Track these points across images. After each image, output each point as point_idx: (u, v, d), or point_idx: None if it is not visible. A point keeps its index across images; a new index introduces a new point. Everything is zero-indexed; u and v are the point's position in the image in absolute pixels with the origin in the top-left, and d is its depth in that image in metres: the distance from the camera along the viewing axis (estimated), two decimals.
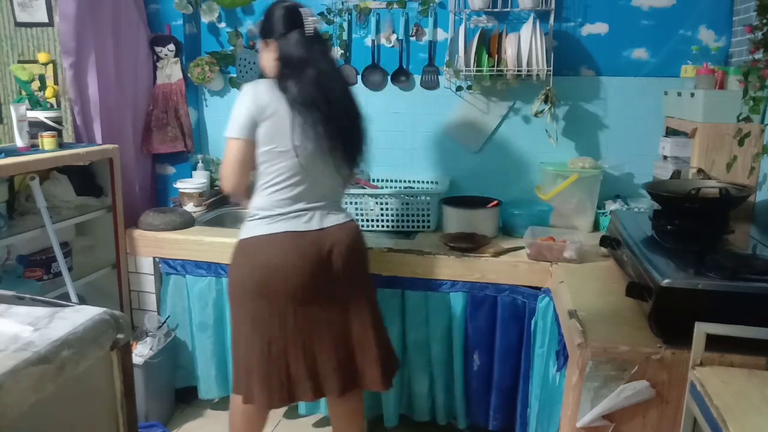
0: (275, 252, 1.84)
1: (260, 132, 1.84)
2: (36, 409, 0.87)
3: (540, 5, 2.44)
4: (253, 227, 1.89)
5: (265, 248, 1.85)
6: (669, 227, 1.76)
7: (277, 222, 1.86)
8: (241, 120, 1.84)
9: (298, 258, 1.83)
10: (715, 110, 2.03)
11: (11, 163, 2.02)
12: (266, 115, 1.82)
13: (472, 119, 2.70)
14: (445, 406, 2.36)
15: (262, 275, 1.83)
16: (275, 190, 1.87)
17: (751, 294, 1.34)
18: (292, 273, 1.82)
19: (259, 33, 1.96)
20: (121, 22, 2.57)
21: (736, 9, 2.38)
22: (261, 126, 1.83)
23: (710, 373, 1.24)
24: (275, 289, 1.83)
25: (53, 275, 2.29)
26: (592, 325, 1.49)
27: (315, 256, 1.85)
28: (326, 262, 1.87)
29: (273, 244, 1.85)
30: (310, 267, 1.84)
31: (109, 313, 1.06)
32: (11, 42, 2.61)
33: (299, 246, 1.84)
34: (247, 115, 1.83)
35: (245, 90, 1.87)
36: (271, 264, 1.83)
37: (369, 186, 2.66)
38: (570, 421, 1.43)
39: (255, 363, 1.86)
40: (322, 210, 1.91)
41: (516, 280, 2.16)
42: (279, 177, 1.86)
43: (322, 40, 1.94)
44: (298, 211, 1.88)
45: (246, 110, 1.83)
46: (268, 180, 1.88)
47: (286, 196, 1.87)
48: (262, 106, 1.82)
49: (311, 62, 1.84)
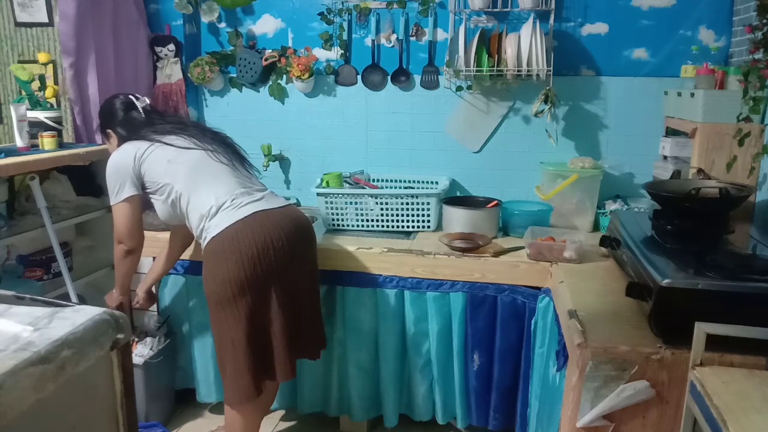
0: (257, 230, 1.84)
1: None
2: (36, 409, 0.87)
3: (540, 5, 2.44)
4: (220, 221, 1.88)
5: (244, 231, 1.84)
6: (669, 227, 1.76)
7: (242, 207, 1.90)
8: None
9: (277, 231, 1.87)
10: (715, 110, 2.03)
11: (11, 163, 2.02)
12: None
13: (472, 119, 2.70)
14: (445, 406, 2.36)
15: (252, 257, 1.81)
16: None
17: (751, 294, 1.34)
18: (278, 247, 1.85)
19: (100, 128, 2.18)
20: (121, 22, 2.57)
21: (736, 9, 2.38)
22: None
23: (710, 373, 1.24)
24: (269, 268, 1.83)
25: (53, 275, 2.29)
26: (592, 325, 1.49)
27: (290, 227, 1.91)
28: (295, 234, 1.93)
29: (249, 225, 1.86)
30: (287, 238, 1.88)
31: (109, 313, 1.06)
32: (11, 42, 2.61)
33: (274, 220, 1.89)
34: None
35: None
36: (258, 243, 1.82)
37: (369, 186, 2.66)
38: (570, 421, 1.43)
39: (250, 357, 1.85)
40: (263, 192, 2.02)
41: (516, 280, 2.16)
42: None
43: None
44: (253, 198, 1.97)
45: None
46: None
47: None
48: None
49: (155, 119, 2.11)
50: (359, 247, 2.29)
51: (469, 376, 2.29)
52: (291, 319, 1.91)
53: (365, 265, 2.27)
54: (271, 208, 1.93)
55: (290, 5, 2.77)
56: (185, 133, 2.04)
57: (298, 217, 2.01)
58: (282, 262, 1.86)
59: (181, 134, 2.04)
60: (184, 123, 2.18)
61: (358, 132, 2.83)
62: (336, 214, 2.52)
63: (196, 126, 2.17)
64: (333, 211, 2.51)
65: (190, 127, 2.12)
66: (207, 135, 2.08)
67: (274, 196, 2.05)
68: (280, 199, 2.05)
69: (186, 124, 2.16)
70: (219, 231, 1.86)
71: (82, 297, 2.36)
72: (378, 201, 2.48)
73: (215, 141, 2.07)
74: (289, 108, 2.87)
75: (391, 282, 2.26)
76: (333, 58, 2.78)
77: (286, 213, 1.97)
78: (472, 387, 2.30)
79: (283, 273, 1.88)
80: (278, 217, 1.92)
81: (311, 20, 2.74)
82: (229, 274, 1.82)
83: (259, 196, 1.98)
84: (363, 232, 2.49)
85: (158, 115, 2.16)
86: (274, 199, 2.01)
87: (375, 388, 2.39)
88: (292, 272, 1.91)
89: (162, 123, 2.09)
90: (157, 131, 2.03)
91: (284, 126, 2.88)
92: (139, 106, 2.09)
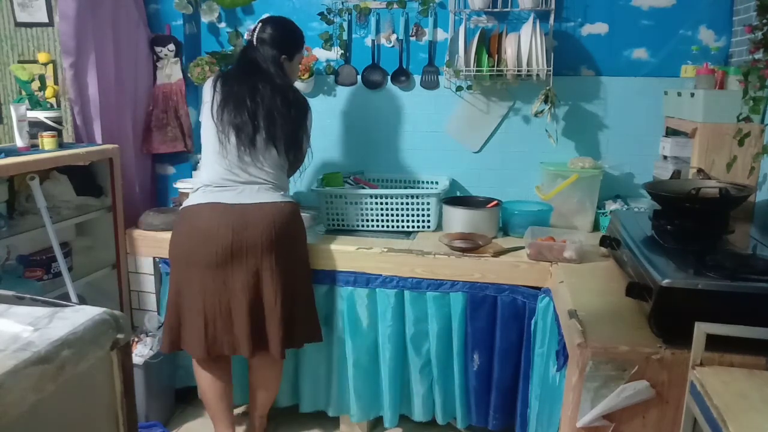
0: (205, 219, 2.04)
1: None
2: (36, 409, 0.87)
3: (540, 5, 2.44)
4: (193, 198, 2.13)
5: (198, 215, 2.06)
6: (669, 227, 1.76)
7: (213, 193, 2.08)
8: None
9: (223, 227, 2.01)
10: (715, 110, 2.03)
11: (11, 163, 2.02)
12: None
13: (472, 119, 2.70)
14: (445, 406, 2.36)
15: (189, 240, 2.06)
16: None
17: (751, 294, 1.34)
18: (213, 238, 2.01)
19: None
20: (121, 22, 2.57)
21: (736, 9, 2.38)
22: None
23: (710, 373, 1.24)
24: (199, 251, 2.03)
25: (53, 275, 2.29)
26: (592, 325, 1.49)
27: (241, 226, 2.02)
28: (246, 233, 2.02)
29: (204, 211, 2.06)
30: (233, 235, 2.01)
31: (109, 313, 1.06)
32: (11, 42, 2.61)
33: (222, 214, 2.02)
34: None
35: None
36: (200, 230, 2.03)
37: (369, 186, 2.66)
38: (570, 421, 1.43)
39: (184, 316, 2.10)
40: (251, 186, 2.09)
41: (516, 280, 2.16)
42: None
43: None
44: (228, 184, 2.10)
45: None
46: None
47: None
48: None
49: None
50: (359, 247, 2.29)
51: (469, 376, 2.29)
52: (220, 307, 2.05)
53: (365, 265, 2.27)
54: (235, 203, 2.04)
55: (290, 5, 2.77)
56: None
57: (262, 217, 2.04)
58: (218, 256, 2.01)
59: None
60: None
61: (358, 132, 2.83)
62: (336, 214, 2.52)
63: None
64: (333, 211, 2.51)
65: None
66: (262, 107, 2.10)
67: (258, 192, 2.08)
68: (263, 196, 2.08)
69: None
70: (186, 205, 2.12)
71: (82, 297, 2.36)
72: (378, 201, 2.48)
73: (260, 116, 2.09)
74: None
75: (391, 282, 2.26)
76: (333, 58, 2.78)
77: (247, 210, 2.03)
78: (472, 387, 2.30)
79: (219, 264, 2.01)
80: (236, 214, 2.02)
81: (311, 20, 2.74)
82: (173, 245, 2.12)
83: (240, 189, 2.08)
84: (363, 232, 2.49)
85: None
86: (254, 195, 2.07)
87: (375, 389, 2.39)
88: (230, 268, 2.02)
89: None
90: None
91: None
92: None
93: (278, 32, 2.19)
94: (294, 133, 2.15)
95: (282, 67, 2.18)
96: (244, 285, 2.03)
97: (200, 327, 2.06)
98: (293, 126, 2.14)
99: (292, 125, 2.13)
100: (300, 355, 2.43)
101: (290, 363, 2.45)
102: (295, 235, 2.15)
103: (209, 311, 2.05)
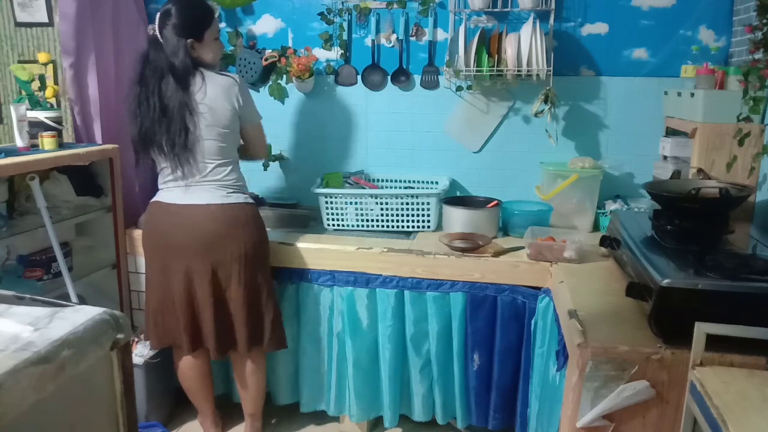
0: (158, 216, 2.16)
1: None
2: (36, 409, 0.87)
3: (540, 5, 2.44)
4: (158, 194, 2.20)
5: (157, 211, 2.17)
6: (669, 227, 1.76)
7: (170, 190, 2.16)
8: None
9: (169, 226, 2.13)
10: (715, 110, 2.03)
11: (11, 163, 2.02)
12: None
13: (472, 119, 2.70)
14: (445, 406, 2.36)
15: (154, 235, 2.19)
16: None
17: (751, 294, 1.34)
18: (174, 240, 2.12)
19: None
20: (121, 22, 2.57)
21: (736, 9, 2.38)
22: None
23: (710, 373, 1.24)
24: (163, 250, 2.15)
25: (53, 275, 2.29)
26: (592, 325, 1.49)
27: (179, 225, 2.11)
28: (184, 233, 2.11)
29: (161, 209, 2.16)
30: (175, 233, 2.11)
31: (109, 313, 1.06)
32: (11, 42, 2.61)
33: (181, 216, 2.11)
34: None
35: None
36: (156, 227, 2.17)
37: (369, 186, 2.66)
38: (570, 421, 1.43)
39: (150, 308, 2.25)
40: (198, 186, 2.13)
41: (516, 280, 2.16)
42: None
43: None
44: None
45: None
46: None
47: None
48: None
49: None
50: (359, 247, 2.29)
51: (469, 376, 2.29)
52: (188, 308, 2.15)
53: (365, 265, 2.27)
54: (180, 203, 2.11)
55: (290, 5, 2.77)
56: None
57: (201, 220, 2.10)
58: (176, 254, 2.12)
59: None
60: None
61: (358, 132, 2.83)
62: (336, 214, 2.52)
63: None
64: (333, 211, 2.51)
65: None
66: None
67: (204, 191, 2.12)
68: (206, 197, 2.11)
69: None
70: (153, 200, 2.21)
71: (82, 297, 2.36)
72: (378, 201, 2.48)
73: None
74: (289, 108, 2.87)
75: (391, 282, 2.26)
76: (333, 58, 2.78)
77: (190, 211, 2.10)
78: (472, 387, 2.30)
79: (177, 264, 2.12)
80: (182, 214, 2.11)
81: (311, 20, 2.74)
82: (144, 237, 2.26)
83: (187, 190, 2.14)
84: (363, 232, 2.49)
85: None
86: (200, 194, 2.12)
87: (375, 389, 2.39)
88: (190, 269, 2.12)
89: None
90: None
91: (284, 126, 2.88)
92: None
93: (179, 19, 2.03)
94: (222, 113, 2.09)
95: (193, 51, 2.07)
96: (208, 289, 2.13)
97: (166, 320, 2.23)
98: (221, 112, 2.09)
99: (215, 113, 2.08)
100: (300, 355, 2.43)
101: (290, 363, 2.45)
102: (249, 241, 2.16)
103: (168, 307, 2.21)
